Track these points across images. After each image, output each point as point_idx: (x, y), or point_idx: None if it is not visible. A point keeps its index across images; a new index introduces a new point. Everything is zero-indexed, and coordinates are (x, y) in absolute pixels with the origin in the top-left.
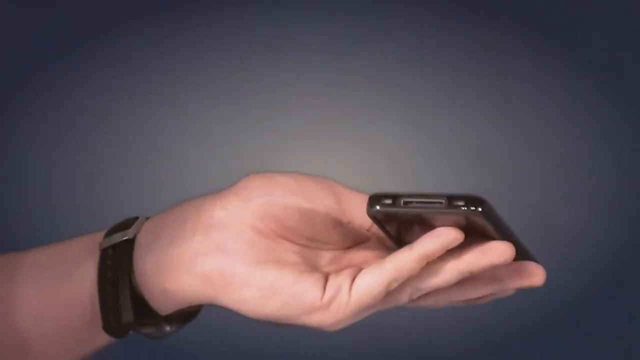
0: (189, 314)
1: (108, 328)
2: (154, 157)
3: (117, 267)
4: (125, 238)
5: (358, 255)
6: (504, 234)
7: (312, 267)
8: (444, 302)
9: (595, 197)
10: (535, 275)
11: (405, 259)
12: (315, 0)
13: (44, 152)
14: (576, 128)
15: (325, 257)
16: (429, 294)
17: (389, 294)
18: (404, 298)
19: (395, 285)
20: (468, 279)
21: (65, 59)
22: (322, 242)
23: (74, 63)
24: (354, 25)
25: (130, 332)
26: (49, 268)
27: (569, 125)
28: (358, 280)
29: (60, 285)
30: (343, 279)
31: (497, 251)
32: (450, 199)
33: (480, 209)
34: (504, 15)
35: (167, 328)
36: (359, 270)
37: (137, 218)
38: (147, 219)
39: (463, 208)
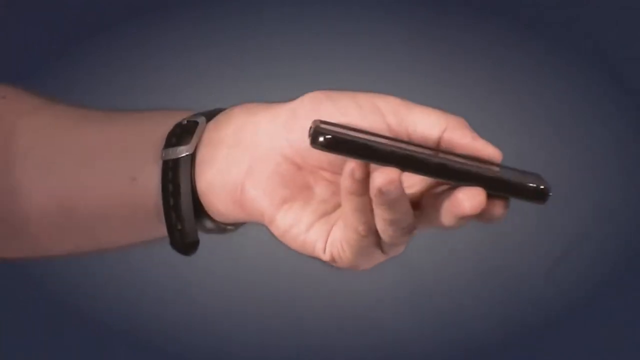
0: None
1: (175, 245)
2: None
3: (178, 182)
4: (186, 154)
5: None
6: (389, 162)
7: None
8: (421, 228)
9: (596, 196)
10: (460, 203)
11: (342, 201)
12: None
13: None
14: (576, 128)
15: None
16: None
17: (379, 235)
18: (386, 238)
19: (362, 228)
20: (423, 207)
21: (65, 59)
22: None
23: (74, 63)
24: (352, 25)
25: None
26: (112, 158)
27: (569, 125)
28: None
29: (125, 190)
30: (337, 226)
31: (374, 181)
32: (311, 132)
33: (317, 141)
34: (504, 15)
35: (229, 227)
36: None
37: (196, 123)
38: (209, 119)
39: (311, 144)
